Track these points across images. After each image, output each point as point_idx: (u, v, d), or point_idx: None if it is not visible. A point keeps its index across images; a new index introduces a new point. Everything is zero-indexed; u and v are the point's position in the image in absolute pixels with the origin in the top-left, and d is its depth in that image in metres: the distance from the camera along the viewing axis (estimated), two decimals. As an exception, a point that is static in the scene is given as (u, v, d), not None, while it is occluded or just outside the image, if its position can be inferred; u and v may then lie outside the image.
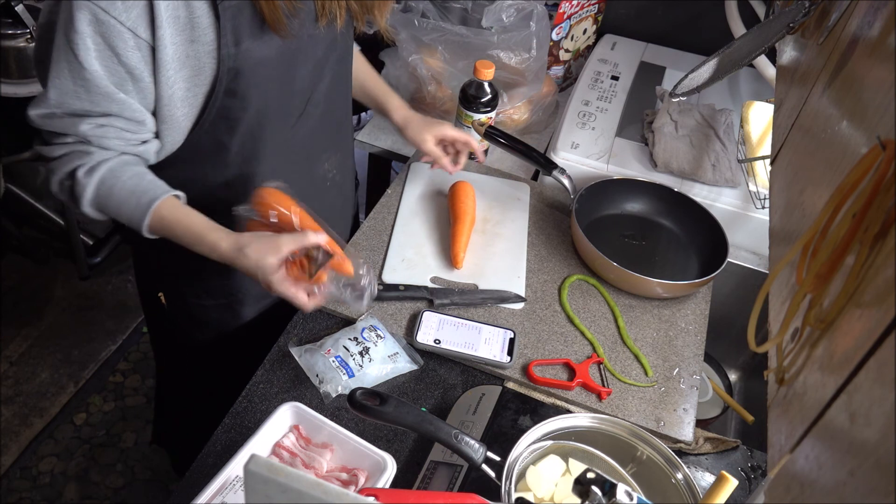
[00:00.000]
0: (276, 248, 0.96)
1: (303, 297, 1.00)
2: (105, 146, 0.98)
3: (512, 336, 1.15)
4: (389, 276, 1.23)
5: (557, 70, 1.77)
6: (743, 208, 1.40)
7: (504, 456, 0.88)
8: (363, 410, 0.90)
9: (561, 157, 1.46)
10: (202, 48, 0.93)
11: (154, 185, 1.00)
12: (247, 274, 0.99)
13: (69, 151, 0.97)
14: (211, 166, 1.07)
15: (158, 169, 1.04)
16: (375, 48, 1.60)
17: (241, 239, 0.99)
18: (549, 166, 1.37)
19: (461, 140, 1.32)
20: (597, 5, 1.75)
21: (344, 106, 1.23)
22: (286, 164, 1.13)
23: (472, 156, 1.53)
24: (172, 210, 1.01)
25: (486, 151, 1.56)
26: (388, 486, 0.90)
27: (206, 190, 1.08)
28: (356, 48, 1.31)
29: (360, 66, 1.33)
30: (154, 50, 0.91)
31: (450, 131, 1.32)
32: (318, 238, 0.98)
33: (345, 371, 1.05)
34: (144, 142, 1.00)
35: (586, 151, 1.47)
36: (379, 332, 1.11)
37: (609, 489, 0.81)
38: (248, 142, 1.05)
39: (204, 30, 0.92)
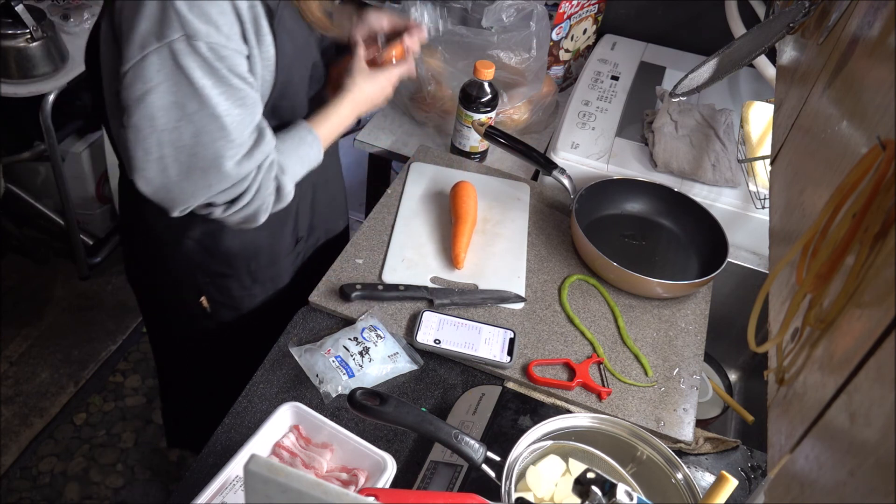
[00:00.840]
0: (357, 58, 1.15)
1: (395, 70, 1.17)
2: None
3: (512, 336, 1.15)
4: (389, 276, 1.23)
5: (557, 70, 1.77)
6: (743, 208, 1.40)
7: (504, 456, 0.88)
8: (363, 410, 0.90)
9: (561, 157, 1.46)
10: (260, 56, 0.97)
11: (296, 127, 1.09)
12: (367, 102, 1.16)
13: (261, 178, 1.00)
14: None
15: None
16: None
17: (344, 81, 1.14)
18: (549, 166, 1.37)
19: (399, 27, 1.23)
20: (597, 5, 1.75)
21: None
22: None
23: (472, 156, 1.54)
24: (316, 122, 1.11)
25: (485, 151, 1.56)
26: (388, 486, 0.90)
27: None
28: None
29: None
30: (249, 59, 0.96)
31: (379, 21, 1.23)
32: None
33: (345, 371, 1.05)
34: None
35: (586, 151, 1.47)
36: (379, 332, 1.11)
37: (609, 489, 0.81)
38: (282, 126, 1.11)
39: (267, 47, 0.97)
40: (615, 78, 1.69)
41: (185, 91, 0.88)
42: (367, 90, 1.15)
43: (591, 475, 0.83)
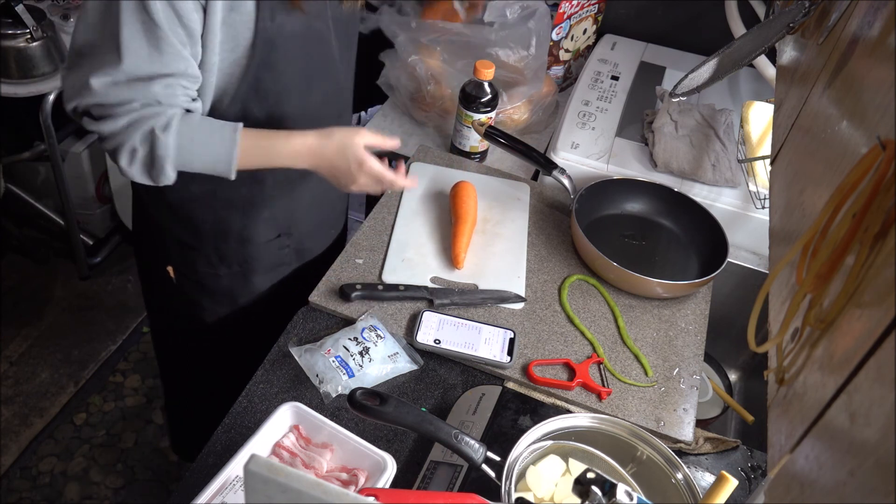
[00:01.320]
0: (359, 132, 1.07)
1: (391, 173, 1.09)
2: (174, 104, 0.98)
3: (512, 336, 1.15)
4: (389, 276, 1.23)
5: (557, 70, 1.77)
6: (743, 208, 1.40)
7: (504, 456, 0.88)
8: (363, 410, 0.90)
9: (561, 157, 1.46)
10: (240, 18, 0.97)
11: (224, 121, 1.03)
12: (330, 162, 1.06)
13: (137, 118, 0.96)
14: None
15: None
16: (374, 48, 1.60)
17: (326, 129, 1.07)
18: (549, 166, 1.37)
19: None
20: (597, 5, 1.75)
21: (349, 89, 1.27)
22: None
23: (472, 156, 1.54)
24: (249, 133, 1.03)
25: (485, 151, 1.56)
26: (388, 486, 0.90)
27: None
28: None
29: None
30: (205, 13, 0.94)
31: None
32: (395, 143, 1.12)
33: (345, 371, 1.05)
34: (194, 99, 1.03)
35: (586, 151, 1.47)
36: (379, 332, 1.11)
37: (609, 489, 0.81)
38: (273, 113, 1.09)
39: (244, 1, 0.96)
40: (615, 78, 1.69)
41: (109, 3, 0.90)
42: (339, 161, 1.06)
43: (591, 475, 0.83)
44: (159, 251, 1.27)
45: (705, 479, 1.05)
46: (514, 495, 0.84)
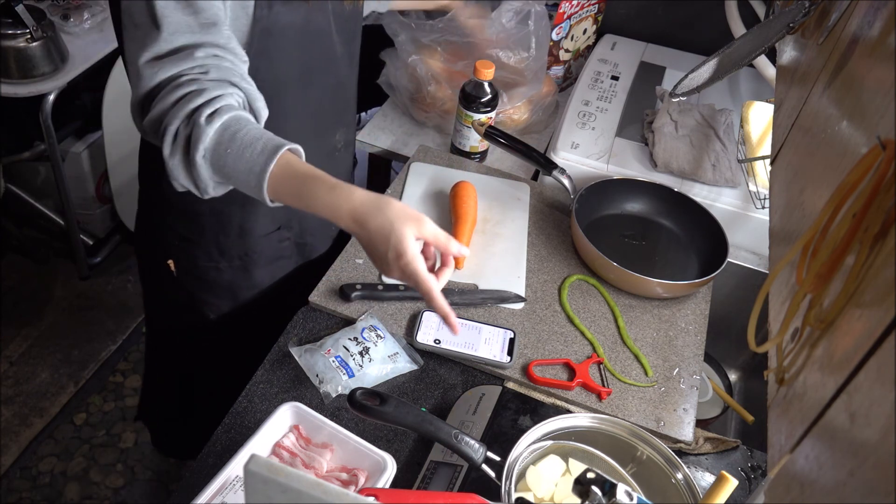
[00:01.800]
0: (419, 220, 0.89)
1: (433, 280, 0.89)
2: (223, 76, 0.91)
3: (512, 336, 1.15)
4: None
5: (557, 70, 1.77)
6: (743, 208, 1.40)
7: (504, 456, 0.88)
8: (363, 410, 0.90)
9: (561, 157, 1.46)
10: (239, 4, 0.96)
11: (277, 137, 0.91)
12: (368, 238, 0.89)
13: (186, 91, 0.89)
14: None
15: None
16: (375, 47, 1.60)
17: (381, 198, 0.89)
18: (549, 166, 1.37)
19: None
20: (597, 5, 1.75)
21: (352, 85, 1.27)
22: (300, 129, 1.17)
23: (472, 156, 1.54)
24: (295, 160, 0.91)
25: (485, 151, 1.56)
26: (388, 486, 0.90)
27: None
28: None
29: None
30: None
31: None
32: (463, 251, 0.94)
33: (345, 371, 1.05)
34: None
35: (586, 151, 1.47)
36: (379, 332, 1.11)
37: (609, 489, 0.81)
38: (272, 106, 1.05)
39: None
40: (615, 78, 1.69)
41: None
42: (379, 241, 0.88)
43: (591, 475, 0.83)
44: (160, 245, 1.27)
45: (705, 479, 1.05)
46: (514, 495, 0.84)
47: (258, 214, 1.21)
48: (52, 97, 1.84)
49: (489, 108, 1.45)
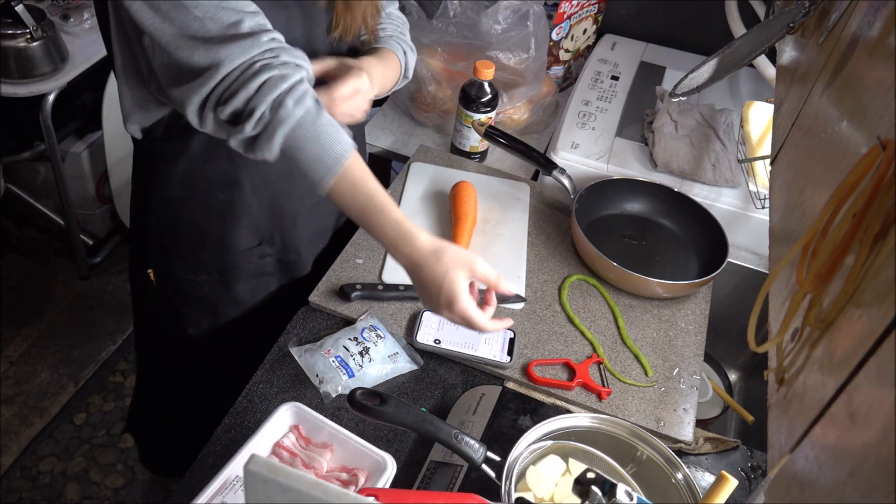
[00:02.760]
0: (472, 264, 0.93)
1: (483, 318, 0.95)
2: (292, 58, 0.92)
3: (512, 336, 1.15)
4: (389, 276, 1.23)
5: (557, 70, 1.77)
6: (743, 208, 1.40)
7: (504, 456, 0.88)
8: (363, 410, 0.90)
9: (561, 157, 1.46)
10: None
11: (346, 133, 0.94)
12: (422, 282, 0.94)
13: (268, 77, 0.89)
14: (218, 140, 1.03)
15: (178, 140, 1.05)
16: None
17: (440, 244, 0.94)
18: (549, 166, 1.37)
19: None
20: (597, 5, 1.75)
21: None
22: None
23: (472, 156, 1.54)
24: (361, 167, 0.94)
25: (485, 151, 1.56)
26: (388, 486, 0.90)
27: (212, 164, 1.09)
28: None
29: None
30: None
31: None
32: (512, 288, 0.99)
33: (345, 371, 1.05)
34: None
35: (586, 151, 1.47)
36: (379, 332, 1.11)
37: (609, 489, 0.81)
38: None
39: None
40: (615, 78, 1.69)
41: None
42: (431, 286, 0.93)
43: (591, 475, 0.83)
44: (142, 254, 1.24)
45: (705, 479, 1.05)
46: (514, 495, 0.84)
47: (238, 228, 1.16)
48: (52, 97, 1.84)
49: (489, 108, 1.45)
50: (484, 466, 0.88)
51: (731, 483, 0.82)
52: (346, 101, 1.03)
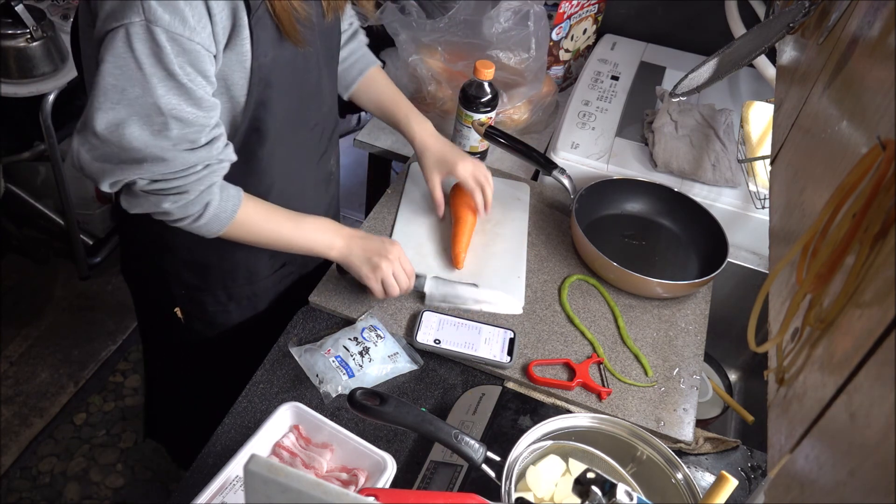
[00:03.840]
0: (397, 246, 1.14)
1: (405, 278, 1.13)
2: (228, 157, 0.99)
3: (512, 336, 1.15)
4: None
5: (557, 70, 1.77)
6: (743, 208, 1.40)
7: (504, 456, 0.88)
8: (363, 410, 0.90)
9: (561, 157, 1.46)
10: (236, 58, 0.93)
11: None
12: (355, 240, 1.11)
13: (205, 179, 0.96)
14: (242, 178, 1.05)
15: None
16: (375, 47, 1.60)
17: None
18: (549, 166, 1.37)
19: (468, 188, 1.28)
20: (597, 5, 1.75)
21: (335, 102, 1.24)
22: (304, 165, 1.17)
23: (472, 156, 1.53)
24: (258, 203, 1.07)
25: (485, 151, 1.56)
26: (388, 486, 0.90)
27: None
28: (378, 63, 1.32)
29: (382, 84, 1.32)
30: (215, 59, 0.91)
31: (462, 173, 1.27)
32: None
33: (345, 371, 1.05)
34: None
35: (586, 151, 1.47)
36: (379, 332, 1.11)
37: (609, 489, 0.81)
38: (277, 150, 1.06)
39: (242, 40, 0.92)
40: (615, 78, 1.69)
41: (129, 75, 0.85)
42: (371, 239, 1.12)
43: (591, 475, 0.83)
44: (164, 296, 1.25)
45: (705, 479, 1.05)
46: (514, 495, 0.84)
47: (262, 256, 1.19)
48: (52, 97, 1.84)
49: (489, 108, 1.45)
50: (484, 466, 0.88)
51: (731, 483, 0.82)
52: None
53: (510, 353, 1.13)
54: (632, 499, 0.80)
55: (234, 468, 0.89)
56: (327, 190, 1.28)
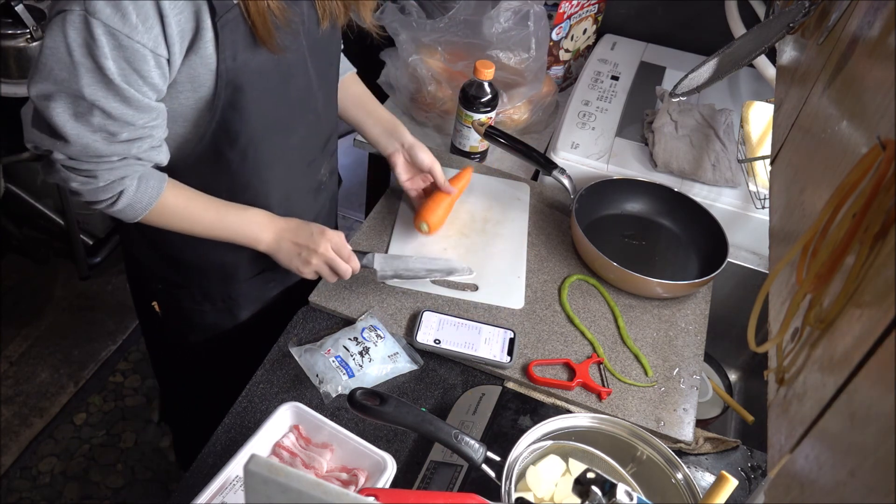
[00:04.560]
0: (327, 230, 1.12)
1: (343, 265, 1.12)
2: (154, 159, 0.99)
3: (512, 336, 1.15)
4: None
5: (557, 70, 1.77)
6: (743, 208, 1.40)
7: (504, 456, 0.88)
8: (363, 410, 0.90)
9: (561, 157, 1.46)
10: (200, 61, 0.92)
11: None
12: (296, 228, 1.11)
13: (122, 175, 0.97)
14: (212, 176, 1.07)
15: (174, 174, 1.05)
16: (375, 47, 1.60)
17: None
18: (549, 166, 1.37)
19: (425, 168, 1.30)
20: (597, 5, 1.75)
21: (334, 111, 1.23)
22: (287, 172, 1.15)
23: (472, 156, 1.54)
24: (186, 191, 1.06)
25: (485, 151, 1.56)
26: (388, 486, 0.90)
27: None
28: (353, 71, 1.31)
29: (359, 93, 1.31)
30: (169, 62, 0.90)
31: (420, 154, 1.29)
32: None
33: (345, 371, 1.05)
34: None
35: (586, 151, 1.47)
36: (379, 332, 1.11)
37: (609, 489, 0.81)
38: (249, 152, 1.05)
39: (206, 43, 0.91)
40: (615, 78, 1.69)
41: (58, 58, 0.85)
42: (301, 227, 1.12)
43: (591, 475, 0.83)
44: (145, 287, 1.27)
45: (705, 479, 1.05)
46: (514, 495, 0.84)
47: (241, 258, 1.18)
48: (52, 97, 1.84)
49: (489, 108, 1.45)
50: (484, 466, 0.88)
51: (731, 483, 0.82)
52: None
53: (510, 353, 1.13)
54: (632, 499, 0.80)
55: (234, 468, 0.89)
56: (316, 199, 1.26)
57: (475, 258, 1.29)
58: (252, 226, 1.09)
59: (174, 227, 1.06)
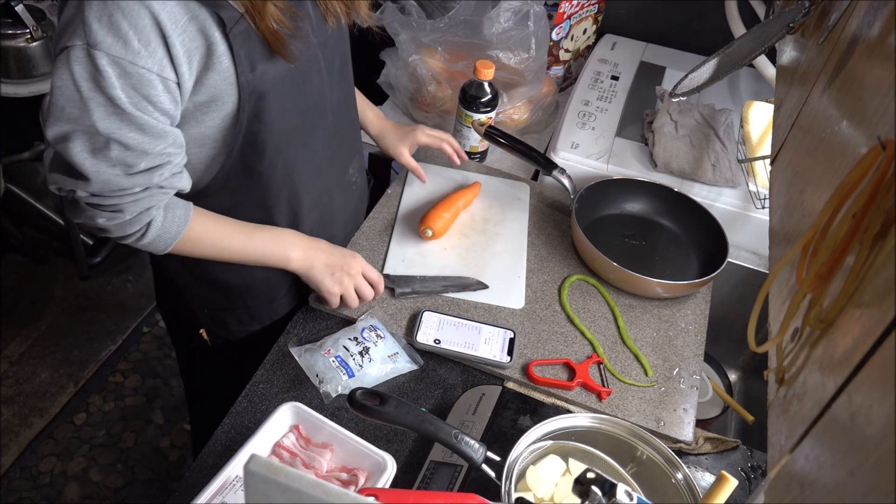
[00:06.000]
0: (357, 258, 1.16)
1: (369, 290, 1.15)
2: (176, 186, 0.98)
3: (512, 336, 1.15)
4: (390, 272, 1.23)
5: (557, 70, 1.77)
6: (743, 208, 1.40)
7: (504, 456, 0.88)
8: (363, 410, 0.90)
9: (561, 157, 1.46)
10: (219, 77, 0.91)
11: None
12: (327, 249, 1.13)
13: (144, 203, 0.96)
14: (245, 191, 1.06)
15: (192, 200, 1.04)
16: (375, 48, 1.60)
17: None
18: (549, 166, 1.37)
19: (435, 145, 1.39)
20: (597, 5, 1.75)
21: (353, 108, 1.23)
22: (318, 176, 1.15)
23: (472, 156, 1.54)
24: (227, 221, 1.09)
25: (485, 151, 1.56)
26: (388, 486, 0.90)
27: (243, 215, 1.09)
28: None
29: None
30: (179, 86, 0.89)
31: (423, 138, 1.37)
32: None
33: (345, 371, 1.05)
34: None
35: (586, 151, 1.47)
36: (379, 332, 1.11)
37: (609, 489, 0.81)
38: (277, 162, 1.05)
39: (220, 57, 0.90)
40: (615, 78, 1.69)
41: (68, 96, 0.85)
42: (332, 250, 1.14)
43: (591, 475, 0.83)
44: (189, 317, 1.26)
45: (705, 479, 1.05)
46: (514, 495, 0.84)
47: (281, 272, 1.17)
48: (52, 97, 1.84)
49: (489, 108, 1.45)
50: (484, 466, 0.88)
51: (731, 483, 0.82)
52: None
53: (510, 353, 1.13)
54: (632, 499, 0.80)
55: (234, 468, 0.89)
56: (348, 198, 1.27)
57: (475, 258, 1.29)
58: (282, 244, 1.10)
59: (205, 253, 1.06)
